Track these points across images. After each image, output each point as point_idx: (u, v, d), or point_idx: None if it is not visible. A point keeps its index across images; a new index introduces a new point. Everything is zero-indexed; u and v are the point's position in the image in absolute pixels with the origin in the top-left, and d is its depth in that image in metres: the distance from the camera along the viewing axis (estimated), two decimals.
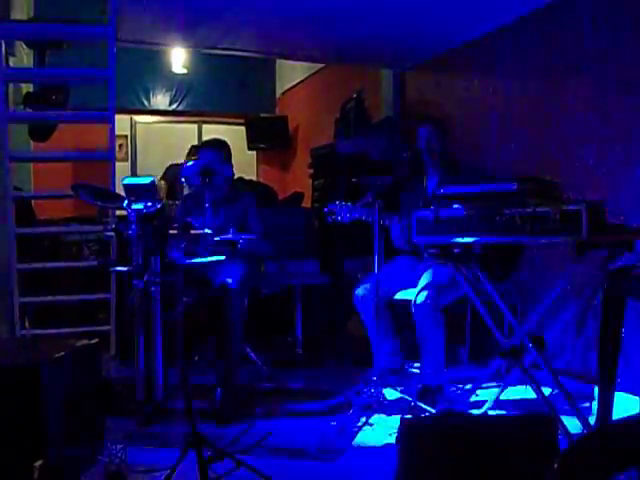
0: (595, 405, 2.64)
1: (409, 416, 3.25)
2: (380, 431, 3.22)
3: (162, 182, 6.91)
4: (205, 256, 3.62)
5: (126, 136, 8.74)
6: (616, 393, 2.62)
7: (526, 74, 4.42)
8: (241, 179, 5.19)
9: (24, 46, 5.53)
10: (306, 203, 6.34)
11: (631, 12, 3.58)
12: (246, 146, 8.81)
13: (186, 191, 5.09)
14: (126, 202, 3.28)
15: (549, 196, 2.84)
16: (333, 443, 3.06)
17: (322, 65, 7.37)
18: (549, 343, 3.10)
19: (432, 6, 4.46)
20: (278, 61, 8.69)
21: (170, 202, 5.79)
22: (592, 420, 2.77)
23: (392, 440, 2.84)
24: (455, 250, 3.12)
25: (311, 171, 6.34)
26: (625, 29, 3.63)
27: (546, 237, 2.75)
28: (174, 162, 7.03)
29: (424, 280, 3.75)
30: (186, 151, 6.96)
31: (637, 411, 3.17)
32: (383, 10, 4.54)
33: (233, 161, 4.09)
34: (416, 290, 3.72)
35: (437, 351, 3.70)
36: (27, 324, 4.63)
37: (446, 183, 3.31)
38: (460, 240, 3.04)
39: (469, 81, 5.08)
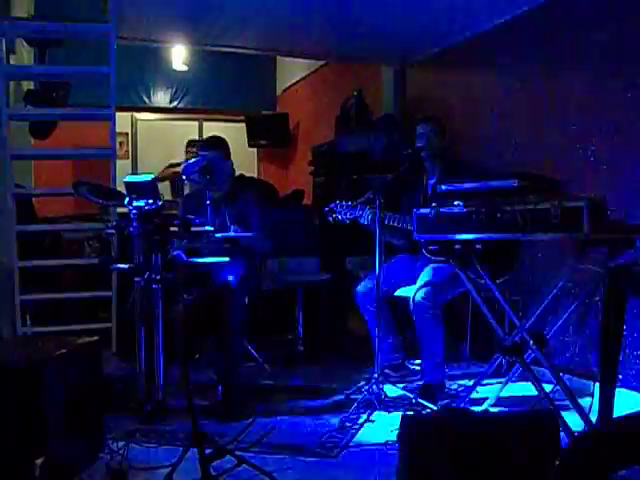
0: (596, 402, 2.64)
1: (410, 413, 3.25)
2: (381, 428, 3.22)
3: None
4: (206, 254, 3.62)
5: (127, 134, 8.74)
6: (617, 390, 2.62)
7: (527, 71, 4.41)
8: (242, 176, 5.17)
9: (25, 44, 5.53)
10: (307, 201, 6.33)
11: (631, 9, 3.58)
12: (247, 143, 8.81)
13: (187, 190, 5.10)
14: (127, 200, 3.28)
15: (550, 193, 2.84)
16: (334, 440, 3.06)
17: (322, 62, 7.37)
18: (550, 340, 3.10)
19: (433, 2, 4.45)
20: (279, 58, 8.69)
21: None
22: (593, 417, 2.77)
23: (393, 437, 2.84)
24: (456, 247, 3.12)
25: (312, 168, 6.34)
26: (625, 26, 3.62)
27: (547, 234, 2.75)
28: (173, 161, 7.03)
29: (423, 278, 3.75)
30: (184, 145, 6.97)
31: (638, 408, 3.17)
32: (383, 7, 4.54)
33: (234, 158, 4.09)
34: (415, 287, 3.72)
35: (437, 348, 3.70)
36: (28, 322, 4.63)
37: (446, 180, 3.30)
38: (461, 237, 3.04)
39: (470, 78, 5.08)
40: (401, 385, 3.81)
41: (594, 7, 3.84)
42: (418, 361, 4.01)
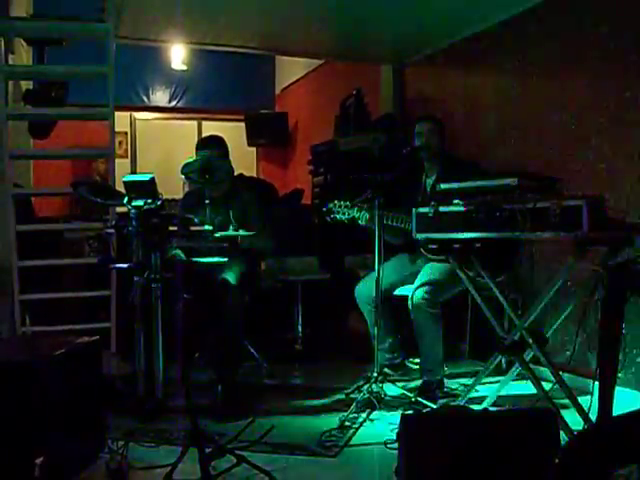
0: (595, 400, 2.64)
1: (410, 412, 3.25)
2: (381, 427, 3.23)
3: None
4: (205, 253, 3.62)
5: (126, 133, 8.73)
6: (616, 388, 2.62)
7: (525, 70, 4.41)
8: (241, 175, 5.18)
9: (23, 43, 5.52)
10: (306, 200, 6.33)
11: (632, 8, 3.58)
12: (246, 142, 8.81)
13: (186, 188, 5.09)
14: (126, 199, 3.28)
15: (549, 192, 2.84)
16: (334, 439, 3.06)
17: (321, 61, 7.36)
18: (549, 338, 3.10)
19: (432, 1, 4.45)
20: (278, 58, 8.68)
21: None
22: (593, 416, 2.77)
23: (393, 436, 2.84)
24: (455, 246, 3.12)
25: (311, 168, 6.34)
26: (626, 26, 3.63)
27: (546, 233, 2.75)
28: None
29: (422, 277, 3.75)
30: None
31: (637, 407, 3.17)
32: (382, 6, 4.53)
33: (233, 158, 4.08)
34: (413, 287, 3.72)
35: (435, 347, 3.70)
36: (28, 322, 4.62)
37: (445, 179, 3.30)
38: (460, 236, 3.04)
39: (469, 77, 5.08)
40: (400, 384, 3.81)
41: (594, 6, 3.84)
42: (417, 360, 4.01)
